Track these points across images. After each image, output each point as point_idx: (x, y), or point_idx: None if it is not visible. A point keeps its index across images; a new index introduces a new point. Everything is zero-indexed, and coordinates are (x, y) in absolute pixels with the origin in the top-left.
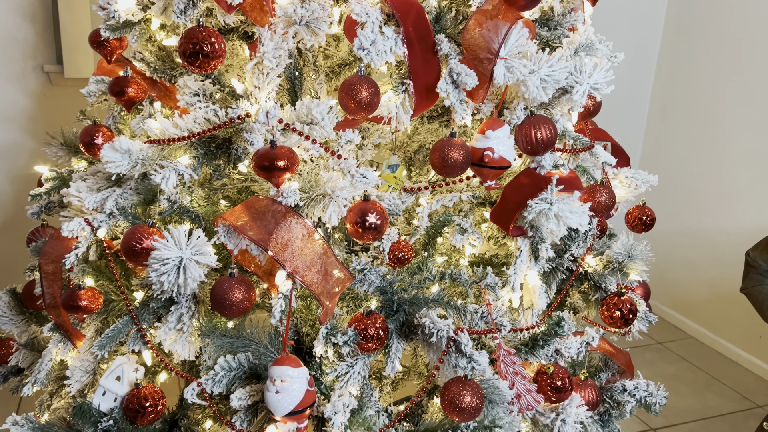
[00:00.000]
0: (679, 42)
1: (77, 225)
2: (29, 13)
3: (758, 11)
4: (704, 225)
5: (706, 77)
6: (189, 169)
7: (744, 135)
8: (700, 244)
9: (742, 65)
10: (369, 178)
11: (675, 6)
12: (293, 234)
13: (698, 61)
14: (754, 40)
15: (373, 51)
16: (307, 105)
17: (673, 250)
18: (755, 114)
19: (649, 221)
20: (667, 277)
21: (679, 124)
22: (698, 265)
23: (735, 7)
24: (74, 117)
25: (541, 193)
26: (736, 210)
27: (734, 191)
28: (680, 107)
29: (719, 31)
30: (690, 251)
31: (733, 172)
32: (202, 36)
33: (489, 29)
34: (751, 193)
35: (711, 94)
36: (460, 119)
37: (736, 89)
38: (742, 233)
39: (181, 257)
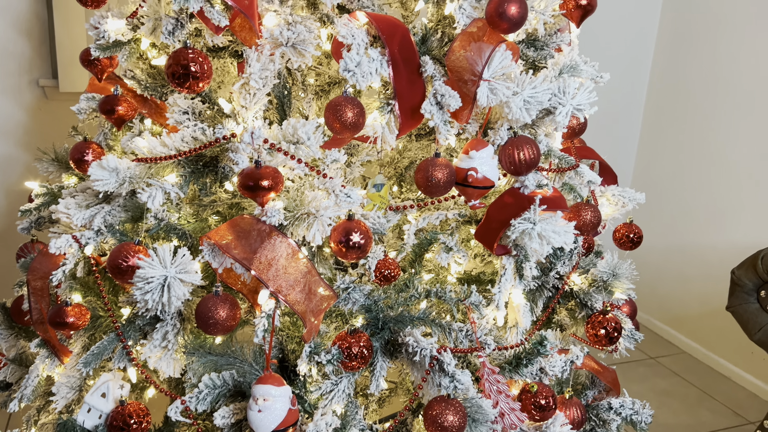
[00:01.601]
0: (671, 59)
1: (65, 242)
2: (25, 28)
3: (749, 29)
4: (696, 240)
5: (698, 94)
6: (176, 187)
7: (735, 152)
8: (692, 259)
9: (734, 83)
10: (353, 198)
11: (667, 23)
12: (277, 253)
13: (690, 79)
14: (745, 57)
15: (358, 72)
16: (293, 125)
17: (664, 264)
18: (746, 131)
19: (637, 239)
20: (659, 291)
21: (671, 140)
22: (690, 280)
23: (726, 24)
24: (69, 131)
25: (525, 213)
26: (726, 225)
27: (725, 207)
28: (672, 124)
29: (711, 48)
30: (682, 266)
31: (724, 189)
32: (190, 57)
33: (473, 51)
34: (742, 209)
35: (702, 111)
36: (444, 140)
37: (728, 106)
38: (732, 248)
39: (166, 276)
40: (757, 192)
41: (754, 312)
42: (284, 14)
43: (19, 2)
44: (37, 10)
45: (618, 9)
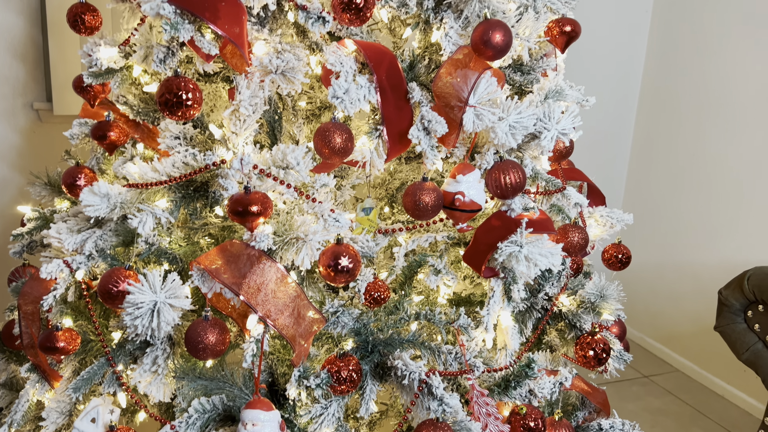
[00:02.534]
0: (661, 78)
1: (56, 267)
2: (20, 52)
3: (738, 46)
4: (687, 258)
5: (688, 113)
6: (166, 212)
7: (725, 170)
8: (684, 276)
9: (724, 102)
10: (341, 222)
11: (656, 41)
12: (266, 277)
13: (680, 97)
14: (735, 75)
15: (346, 99)
16: (283, 150)
17: (657, 282)
18: (736, 149)
19: (625, 259)
20: (652, 309)
21: (661, 158)
22: (682, 298)
23: (716, 42)
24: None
25: (511, 236)
26: (718, 243)
27: (716, 225)
28: (663, 142)
29: (700, 66)
30: (674, 284)
31: (714, 207)
32: (181, 86)
33: (459, 78)
34: (732, 227)
35: (693, 129)
36: (432, 164)
37: (718, 125)
38: (723, 266)
39: (155, 301)
40: (747, 210)
41: (741, 332)
42: (273, 42)
43: (15, 26)
44: (32, 34)
45: (607, 27)
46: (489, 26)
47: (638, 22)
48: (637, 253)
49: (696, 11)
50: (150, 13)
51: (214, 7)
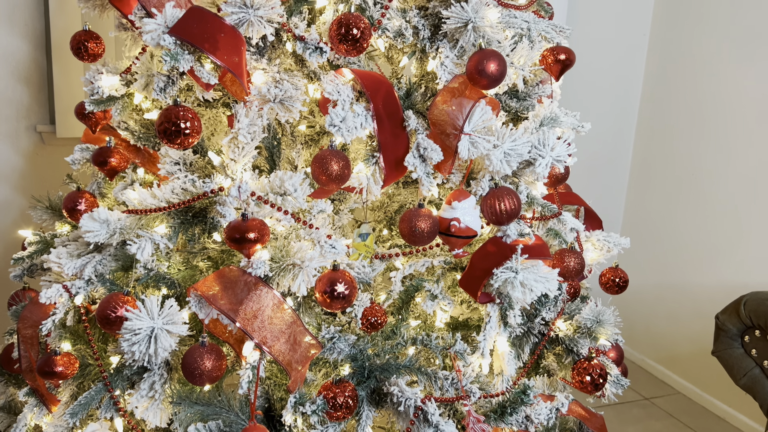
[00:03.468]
0: (658, 102)
1: (55, 292)
2: (24, 75)
3: (734, 72)
4: (687, 279)
5: (686, 136)
6: (165, 238)
7: (721, 192)
8: (683, 298)
9: (720, 126)
10: (338, 249)
11: (653, 66)
12: (263, 303)
13: (677, 120)
14: (730, 101)
15: (343, 128)
16: (281, 177)
17: (657, 303)
18: (732, 171)
19: (622, 283)
20: (653, 330)
21: (660, 181)
22: (682, 319)
23: (711, 68)
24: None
25: (507, 262)
26: (716, 265)
27: (714, 247)
28: (660, 165)
29: (696, 91)
30: (674, 305)
31: (712, 229)
32: (180, 115)
33: (454, 106)
34: (730, 249)
35: (690, 153)
36: (427, 191)
37: (714, 148)
38: (722, 288)
39: (153, 327)
40: (745, 232)
41: (738, 357)
42: (272, 72)
43: (19, 51)
44: (36, 58)
45: (605, 52)
46: (484, 56)
47: (636, 44)
48: (636, 273)
49: (693, 33)
50: (151, 43)
51: (214, 38)
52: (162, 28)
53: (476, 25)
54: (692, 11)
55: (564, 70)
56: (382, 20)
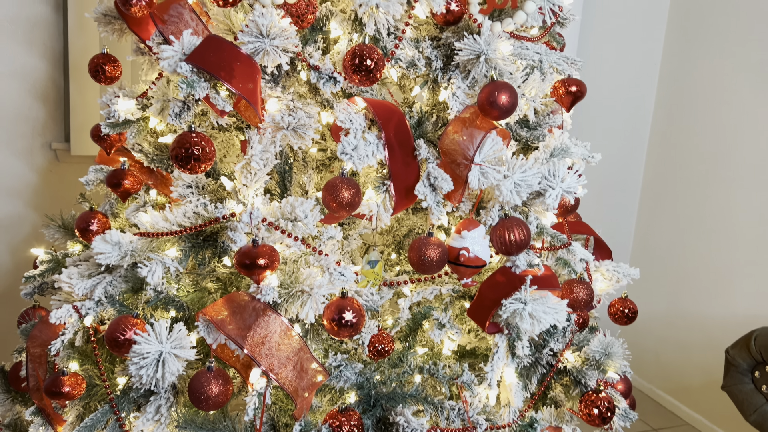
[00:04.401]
0: (669, 129)
1: (65, 312)
2: (41, 93)
3: (747, 100)
4: (697, 309)
5: (695, 165)
6: (175, 261)
7: (733, 221)
8: (694, 327)
9: (732, 155)
10: (346, 276)
11: (665, 93)
12: (271, 330)
13: (688, 150)
14: (744, 129)
15: (355, 156)
16: (291, 203)
17: (666, 333)
18: (743, 201)
19: (631, 314)
20: (662, 360)
21: (670, 208)
22: (691, 350)
23: (724, 95)
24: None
25: (516, 293)
26: (727, 295)
27: (725, 276)
28: (671, 192)
29: (709, 119)
30: (684, 335)
31: (723, 259)
32: (193, 141)
33: (465, 136)
34: (742, 279)
35: (699, 181)
36: (437, 220)
37: (724, 176)
38: (734, 319)
39: (161, 351)
40: (756, 262)
41: (748, 393)
42: (286, 100)
43: (37, 69)
44: (54, 77)
45: (615, 80)
46: (495, 88)
47: (647, 73)
48: (646, 301)
49: (704, 63)
50: (168, 69)
51: (230, 66)
52: (179, 56)
53: (488, 57)
54: (704, 40)
55: (575, 102)
56: (395, 51)
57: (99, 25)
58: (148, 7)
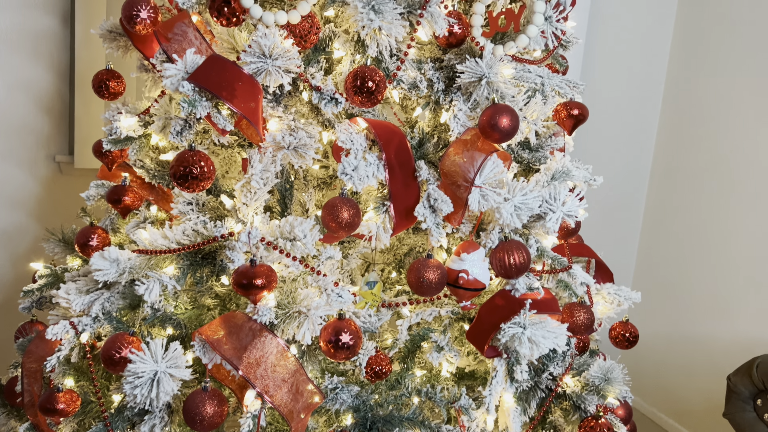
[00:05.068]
0: (673, 151)
1: (62, 328)
2: (47, 105)
3: (750, 124)
4: (699, 332)
5: (698, 187)
6: (173, 279)
7: (737, 244)
8: (696, 351)
9: (735, 178)
10: (344, 298)
11: (668, 115)
12: (267, 350)
13: (691, 172)
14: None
15: (355, 176)
16: (291, 222)
17: (669, 355)
18: (747, 224)
19: (632, 338)
20: (664, 383)
21: (673, 230)
22: (694, 374)
23: (727, 118)
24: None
25: (515, 317)
26: (730, 319)
27: (728, 300)
28: (674, 215)
29: (712, 143)
30: (686, 358)
31: (727, 282)
32: (193, 160)
33: (466, 158)
34: (745, 303)
35: (703, 204)
36: (436, 242)
37: (728, 200)
38: (737, 343)
39: (156, 371)
40: (760, 286)
41: (750, 421)
42: (287, 120)
43: (43, 80)
44: (60, 89)
45: (620, 98)
46: (496, 111)
47: (651, 92)
48: (649, 323)
49: (709, 85)
50: (170, 88)
51: (231, 86)
52: (182, 74)
53: (490, 80)
54: (708, 61)
55: (577, 125)
56: (397, 73)
57: (104, 41)
58: (152, 26)
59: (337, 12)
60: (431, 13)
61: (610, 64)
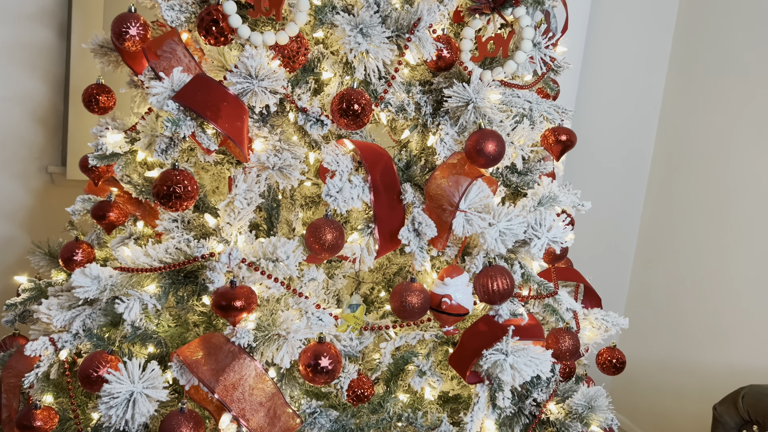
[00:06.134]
0: (667, 179)
1: (41, 344)
2: (41, 117)
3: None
4: (691, 357)
5: (693, 214)
6: (154, 298)
7: (729, 272)
8: (688, 375)
9: (729, 204)
10: (324, 321)
11: (664, 141)
12: (244, 374)
13: (685, 199)
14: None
15: (339, 198)
16: (274, 243)
17: (662, 379)
18: (741, 251)
19: (619, 364)
20: (656, 406)
21: (666, 255)
22: (686, 399)
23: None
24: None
25: (497, 343)
26: (721, 345)
27: (721, 327)
28: (668, 241)
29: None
30: (678, 382)
31: (718, 308)
32: (176, 179)
33: (451, 183)
34: (738, 330)
35: (697, 230)
36: (420, 266)
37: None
38: (727, 369)
39: (132, 391)
40: (752, 315)
41: None
42: (273, 140)
43: (37, 92)
44: (54, 101)
45: (615, 124)
46: (483, 136)
47: (646, 119)
48: (641, 349)
49: (705, 111)
50: (156, 105)
51: (216, 106)
52: (168, 92)
53: (477, 105)
54: (705, 89)
55: (565, 151)
56: (384, 96)
57: (95, 56)
58: (141, 42)
59: (327, 33)
60: (419, 37)
61: (605, 87)
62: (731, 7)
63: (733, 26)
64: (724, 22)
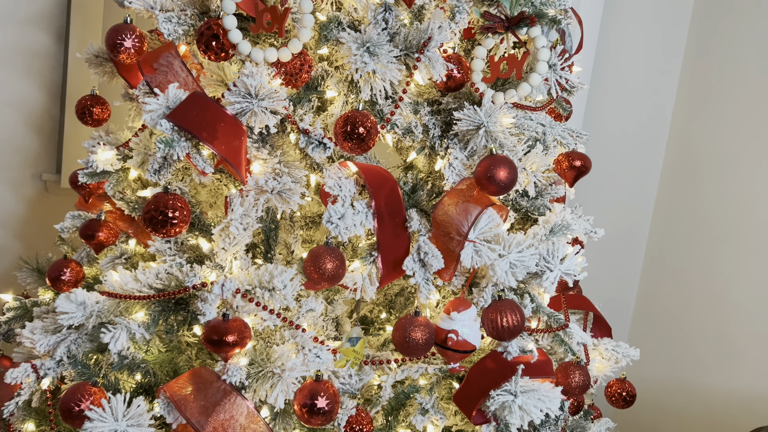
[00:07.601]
0: (675, 198)
1: (22, 372)
2: (36, 124)
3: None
4: (699, 381)
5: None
6: (142, 327)
7: (738, 294)
8: (695, 400)
9: (739, 225)
10: (322, 359)
11: (672, 160)
12: (235, 413)
13: (693, 220)
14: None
15: (341, 225)
16: (271, 271)
17: (666, 402)
18: (751, 274)
19: (629, 397)
20: (662, 430)
21: (674, 276)
22: (692, 423)
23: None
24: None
25: (505, 383)
26: (730, 369)
27: (728, 350)
28: (676, 262)
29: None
30: (684, 406)
31: (726, 331)
32: (168, 204)
33: (460, 210)
34: (748, 355)
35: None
36: (425, 298)
37: (732, 248)
38: (736, 394)
39: (116, 430)
40: (761, 339)
41: None
42: (272, 163)
43: (33, 99)
44: (50, 108)
45: (622, 144)
46: (494, 162)
47: (655, 138)
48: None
49: (716, 129)
50: (150, 123)
51: (213, 127)
52: (162, 110)
53: (488, 129)
54: (716, 106)
55: (579, 177)
56: (390, 118)
57: (90, 66)
58: (137, 55)
59: (331, 50)
60: (429, 57)
61: (614, 107)
62: (743, 24)
63: (744, 42)
64: (735, 37)
